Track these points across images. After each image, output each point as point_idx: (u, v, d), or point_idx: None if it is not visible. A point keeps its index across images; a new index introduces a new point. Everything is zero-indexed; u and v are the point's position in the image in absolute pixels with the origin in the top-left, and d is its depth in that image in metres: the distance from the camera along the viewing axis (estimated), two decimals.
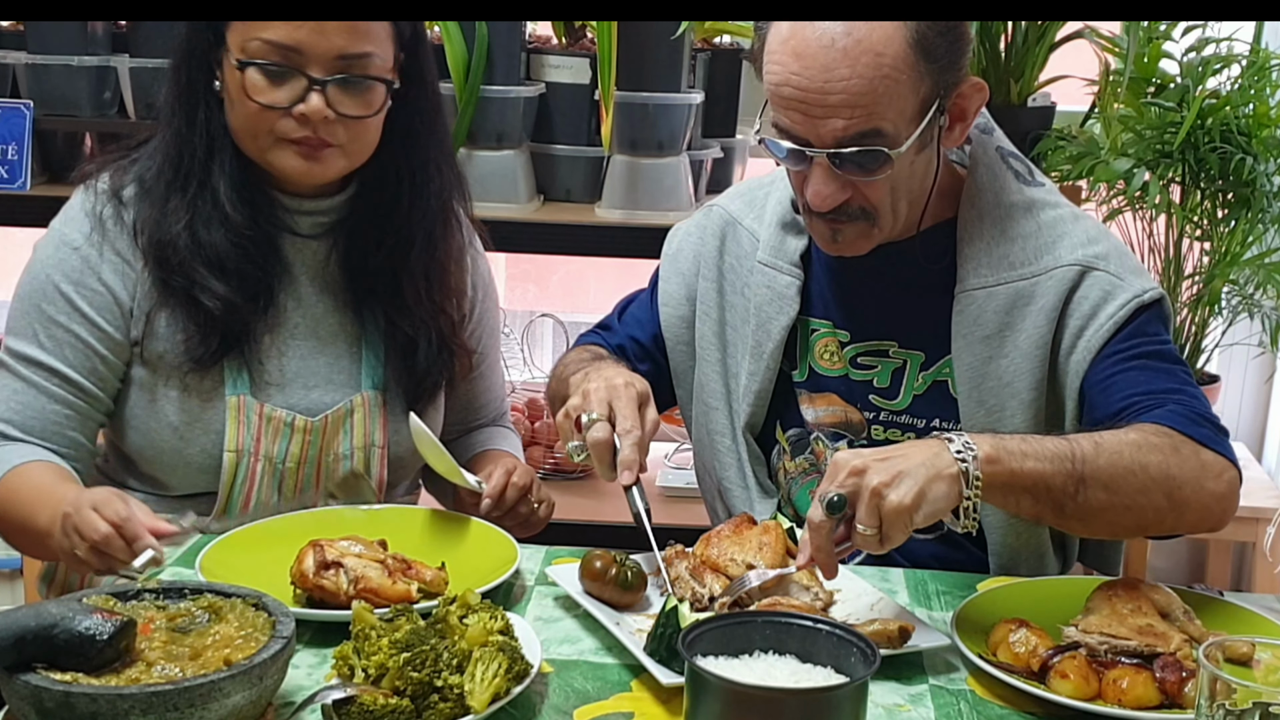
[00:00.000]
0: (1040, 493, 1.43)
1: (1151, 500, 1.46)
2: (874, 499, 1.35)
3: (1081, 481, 1.43)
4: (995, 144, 1.72)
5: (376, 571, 1.46)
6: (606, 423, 1.52)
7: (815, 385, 1.76)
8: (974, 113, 1.62)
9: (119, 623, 1.18)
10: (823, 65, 1.50)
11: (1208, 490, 1.50)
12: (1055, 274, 1.63)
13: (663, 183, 2.58)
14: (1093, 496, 1.44)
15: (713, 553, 1.52)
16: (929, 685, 1.38)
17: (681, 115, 2.56)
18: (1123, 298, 1.61)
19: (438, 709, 1.21)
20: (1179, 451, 1.48)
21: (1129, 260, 1.67)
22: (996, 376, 1.64)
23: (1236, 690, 1.11)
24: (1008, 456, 1.42)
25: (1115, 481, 1.44)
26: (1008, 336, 1.64)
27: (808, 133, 1.54)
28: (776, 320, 1.74)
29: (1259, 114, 2.55)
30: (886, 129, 1.53)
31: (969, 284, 1.65)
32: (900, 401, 1.71)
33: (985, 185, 1.67)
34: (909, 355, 1.71)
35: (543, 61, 2.62)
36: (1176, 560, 3.31)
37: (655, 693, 1.33)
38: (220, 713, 1.15)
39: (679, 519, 2.59)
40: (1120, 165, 2.53)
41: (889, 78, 1.50)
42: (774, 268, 1.76)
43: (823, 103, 1.51)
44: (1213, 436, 1.52)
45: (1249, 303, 2.72)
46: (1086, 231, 1.66)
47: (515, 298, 3.75)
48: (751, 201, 1.82)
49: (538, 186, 2.68)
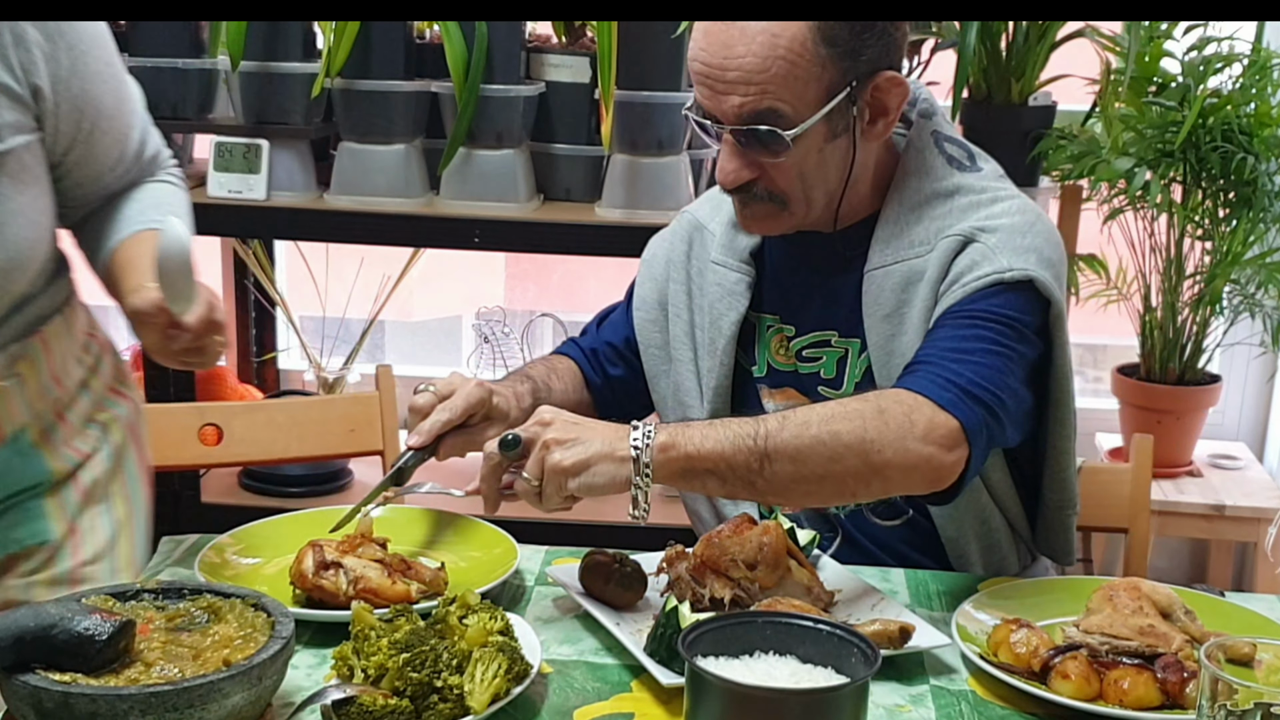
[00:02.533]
0: (724, 472, 1.45)
1: (846, 466, 1.45)
2: (542, 450, 1.43)
3: (765, 456, 1.44)
4: (933, 128, 1.71)
5: (376, 571, 1.46)
6: (434, 397, 1.62)
7: (774, 380, 1.78)
8: (896, 108, 1.61)
9: (118, 623, 1.18)
10: (723, 42, 1.54)
11: (911, 450, 1.45)
12: (940, 244, 1.62)
13: (663, 182, 2.58)
14: (780, 469, 1.44)
15: (713, 553, 1.52)
16: (930, 685, 1.38)
17: (681, 114, 2.56)
18: (986, 269, 1.58)
19: (437, 709, 1.21)
20: (884, 413, 1.46)
21: (1022, 240, 1.61)
22: (901, 354, 1.63)
23: (1238, 691, 1.11)
24: (684, 441, 1.44)
25: (802, 453, 1.44)
26: (905, 314, 1.64)
27: (714, 108, 1.58)
28: (727, 316, 1.76)
29: (1260, 113, 2.55)
30: (784, 110, 1.55)
31: (872, 264, 1.66)
32: (845, 390, 1.72)
33: (911, 170, 1.68)
34: (849, 344, 1.72)
35: (543, 61, 2.62)
36: (1177, 560, 3.30)
37: (655, 693, 1.33)
38: (219, 713, 1.15)
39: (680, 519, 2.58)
40: (1121, 165, 2.53)
41: (784, 59, 1.52)
42: (724, 265, 1.78)
43: (722, 78, 1.55)
44: (952, 400, 1.49)
45: (1250, 302, 2.72)
46: (991, 208, 1.64)
47: (515, 297, 3.75)
48: (718, 204, 1.84)
49: (538, 186, 2.68)
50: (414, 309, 3.85)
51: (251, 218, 2.64)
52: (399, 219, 2.59)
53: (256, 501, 2.83)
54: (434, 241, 2.73)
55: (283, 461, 2.32)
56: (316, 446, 2.16)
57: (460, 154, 2.57)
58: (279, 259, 3.31)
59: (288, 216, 2.63)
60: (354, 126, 2.60)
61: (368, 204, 2.60)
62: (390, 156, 2.60)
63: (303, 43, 2.63)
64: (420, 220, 2.60)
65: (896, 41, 1.59)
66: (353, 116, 2.59)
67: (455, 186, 2.61)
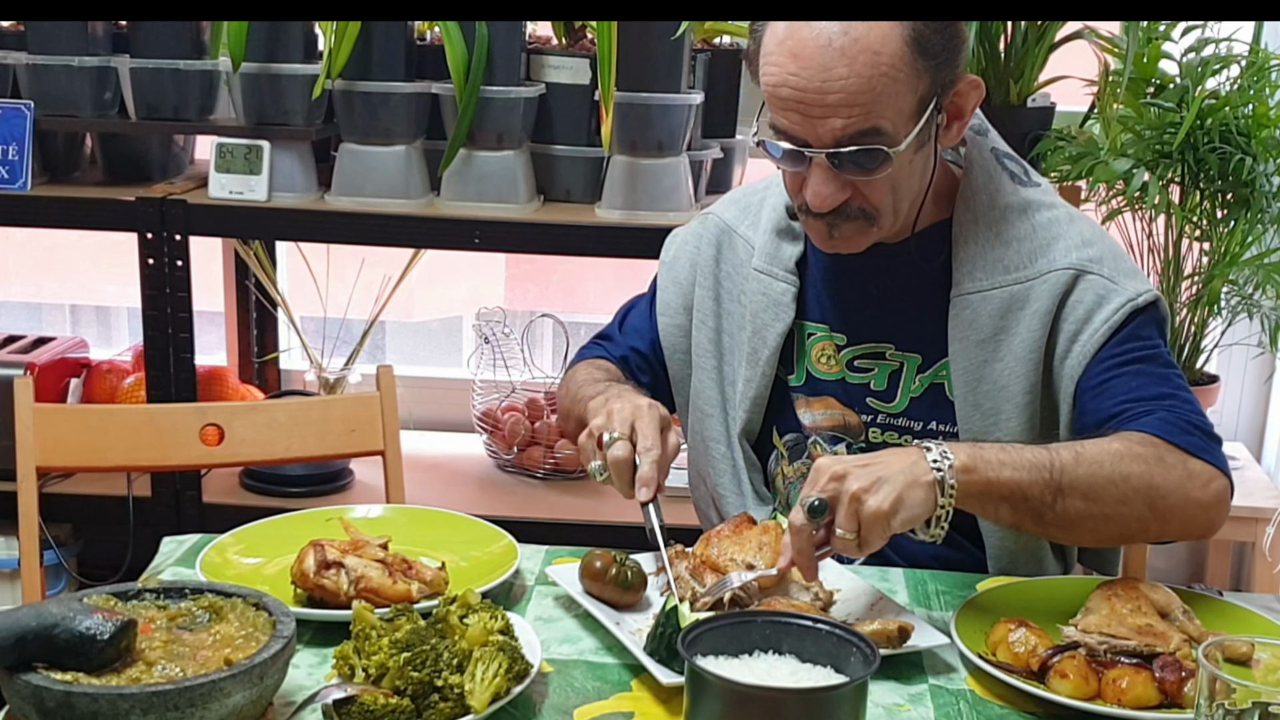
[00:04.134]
0: (1017, 501, 1.45)
1: (1133, 510, 1.48)
2: (853, 504, 1.38)
3: (1059, 491, 1.45)
4: (990, 145, 1.72)
5: (377, 571, 1.46)
6: (628, 441, 1.54)
7: (813, 389, 1.76)
8: (971, 110, 1.62)
9: (119, 622, 1.19)
10: (820, 65, 1.49)
11: (1193, 499, 1.50)
12: (1049, 278, 1.63)
13: (663, 183, 2.58)
14: (1071, 506, 1.46)
15: (713, 552, 1.53)
16: (929, 685, 1.38)
17: (681, 115, 2.57)
18: (1116, 302, 1.61)
19: (438, 709, 1.22)
20: (1164, 460, 1.49)
21: (1124, 263, 1.66)
22: (992, 380, 1.64)
23: (1236, 690, 1.11)
24: (984, 465, 1.44)
25: (1095, 491, 1.46)
26: (1002, 340, 1.64)
27: (806, 133, 1.54)
28: (772, 327, 1.75)
29: (1258, 114, 2.55)
30: (885, 127, 1.52)
31: (964, 288, 1.65)
32: (897, 404, 1.71)
33: (980, 187, 1.67)
34: (906, 358, 1.71)
35: (543, 62, 2.62)
36: (1176, 560, 3.30)
37: (655, 693, 1.34)
38: (220, 712, 1.15)
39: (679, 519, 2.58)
40: (1120, 165, 2.53)
41: (886, 75, 1.50)
42: (769, 275, 1.76)
43: (821, 102, 1.51)
44: (1202, 444, 1.53)
45: (1248, 303, 2.72)
46: (1081, 233, 1.66)
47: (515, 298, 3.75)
48: (746, 209, 1.83)
49: (538, 187, 2.68)
50: (414, 309, 3.84)
51: (252, 218, 2.64)
52: (400, 220, 2.59)
53: (258, 501, 2.83)
54: (434, 242, 2.73)
55: (284, 461, 2.32)
56: (317, 446, 2.17)
57: (461, 155, 2.57)
58: (280, 260, 3.31)
59: (289, 217, 2.63)
60: (355, 127, 2.60)
61: (368, 205, 2.60)
62: (391, 157, 2.60)
63: (304, 44, 2.63)
64: (421, 221, 2.60)
65: (967, 44, 1.60)
66: (354, 117, 2.59)
67: (456, 187, 2.61)
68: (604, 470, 1.55)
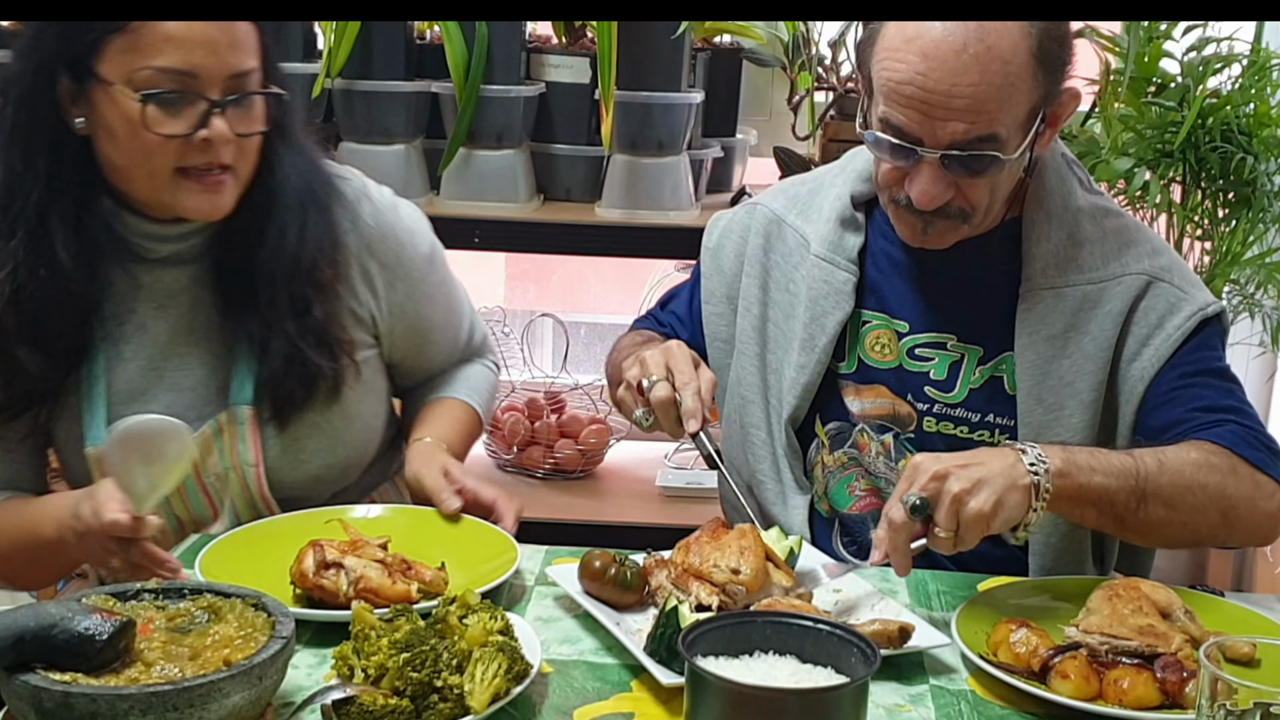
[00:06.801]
0: (1104, 506, 1.50)
1: (1207, 518, 1.53)
2: (954, 505, 1.40)
3: (1144, 497, 1.50)
4: (1060, 149, 1.75)
5: (376, 571, 1.46)
6: (666, 382, 1.60)
7: (864, 377, 1.77)
8: (1066, 118, 1.65)
9: (118, 623, 1.18)
10: (952, 69, 1.51)
11: (1260, 510, 1.56)
12: (1124, 281, 1.67)
13: (663, 182, 2.58)
14: (1153, 512, 1.51)
15: (693, 559, 1.49)
16: (929, 685, 1.38)
17: (681, 115, 2.56)
18: (1188, 310, 1.66)
19: (438, 709, 1.21)
20: (1236, 472, 1.54)
21: (1190, 274, 1.72)
22: (1058, 376, 1.66)
23: (1237, 690, 1.11)
24: (1077, 471, 1.47)
25: (1175, 499, 1.51)
26: (1072, 338, 1.66)
27: (923, 132, 1.55)
28: (832, 315, 1.76)
29: (1259, 113, 2.55)
30: (1001, 134, 1.55)
31: (1037, 283, 1.68)
32: (956, 395, 1.73)
33: (1054, 188, 1.70)
34: (967, 349, 1.73)
35: (543, 61, 2.62)
36: (1177, 560, 3.29)
37: (655, 693, 1.33)
38: (220, 713, 1.15)
39: (679, 519, 2.58)
40: (1121, 165, 2.53)
41: (1013, 85, 1.53)
42: (831, 263, 1.77)
43: (946, 105, 1.52)
44: (1267, 460, 1.58)
45: (1250, 302, 2.72)
46: (1151, 242, 1.71)
47: (515, 297, 3.75)
48: (794, 199, 1.85)
49: (538, 186, 2.68)
50: None
51: None
52: None
53: None
54: None
55: None
56: None
57: (460, 154, 2.57)
58: None
59: None
60: (354, 127, 2.60)
61: None
62: (391, 157, 2.60)
63: (303, 43, 2.63)
64: None
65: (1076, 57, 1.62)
66: (353, 117, 2.59)
67: (455, 186, 2.61)
68: (649, 416, 1.61)
